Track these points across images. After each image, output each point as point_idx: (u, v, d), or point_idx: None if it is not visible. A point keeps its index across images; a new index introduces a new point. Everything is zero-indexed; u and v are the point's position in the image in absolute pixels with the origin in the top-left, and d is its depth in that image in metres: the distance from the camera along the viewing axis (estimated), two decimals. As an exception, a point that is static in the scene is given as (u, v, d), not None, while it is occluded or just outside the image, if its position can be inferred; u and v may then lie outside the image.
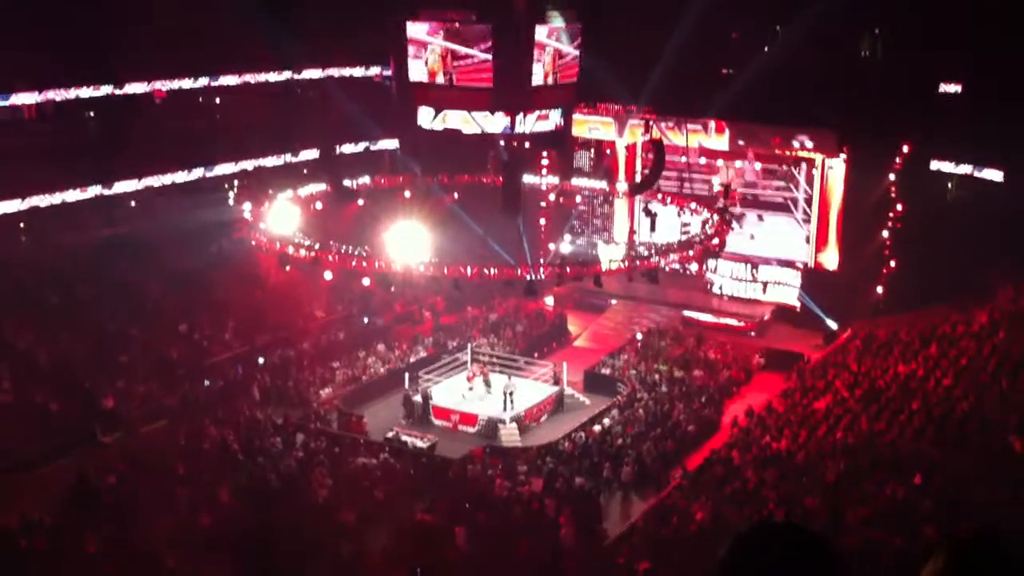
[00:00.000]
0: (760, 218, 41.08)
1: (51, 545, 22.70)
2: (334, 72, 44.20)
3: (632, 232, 44.12)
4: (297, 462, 27.35)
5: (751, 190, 40.76)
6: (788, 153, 39.93)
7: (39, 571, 22.17)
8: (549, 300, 42.22)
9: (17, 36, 31.79)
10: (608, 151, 44.29)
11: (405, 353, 36.52)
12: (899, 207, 37.55)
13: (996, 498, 18.83)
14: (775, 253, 40.65)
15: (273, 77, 42.53)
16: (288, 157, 42.26)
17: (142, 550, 22.38)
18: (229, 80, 40.68)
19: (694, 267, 40.23)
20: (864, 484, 21.53)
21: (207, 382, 32.42)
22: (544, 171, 42.28)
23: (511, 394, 31.34)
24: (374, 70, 46.07)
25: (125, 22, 34.74)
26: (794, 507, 21.55)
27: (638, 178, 40.73)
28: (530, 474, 26.55)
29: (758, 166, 40.40)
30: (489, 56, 29.79)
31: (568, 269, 30.38)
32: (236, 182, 41.41)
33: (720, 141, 40.59)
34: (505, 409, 30.94)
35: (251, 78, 41.43)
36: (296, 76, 43.35)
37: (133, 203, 39.41)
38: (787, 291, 40.31)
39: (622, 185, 41.35)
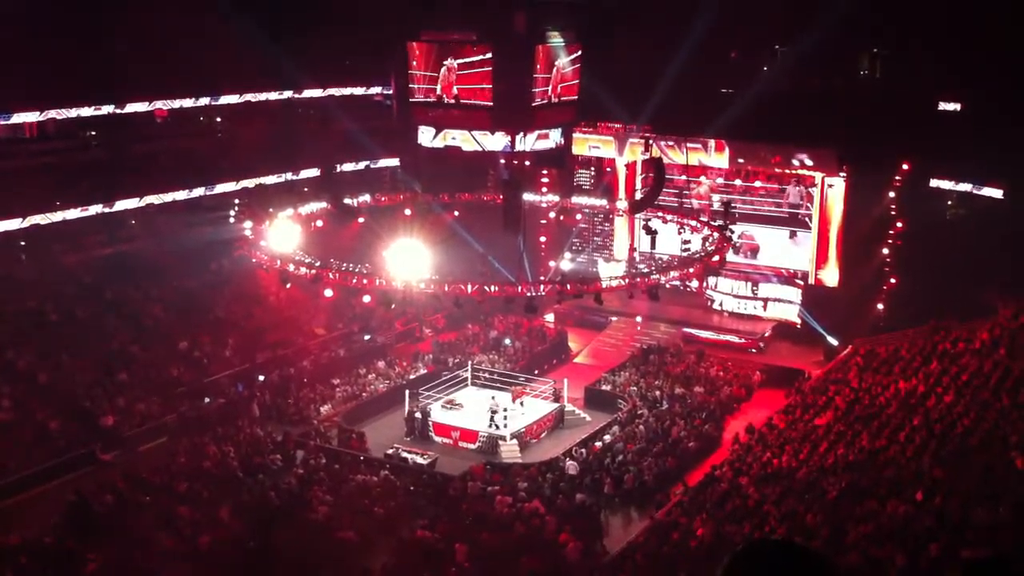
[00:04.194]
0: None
1: (51, 564, 22.62)
2: (335, 91, 44.39)
3: (632, 249, 44.21)
4: (297, 479, 27.27)
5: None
6: (788, 171, 40.05)
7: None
8: (549, 317, 42.24)
9: (19, 55, 31.93)
10: (608, 169, 44.45)
11: (405, 370, 36.50)
12: (899, 225, 37.61)
13: (998, 515, 18.78)
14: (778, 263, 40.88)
15: (274, 96, 42.72)
16: (289, 175, 42.40)
17: (142, 569, 22.31)
18: (230, 99, 40.84)
19: (695, 284, 40.29)
20: (866, 501, 21.46)
21: (207, 400, 32.38)
22: (544, 189, 42.42)
23: (495, 413, 31.36)
24: (375, 89, 46.31)
25: (126, 42, 34.89)
26: (795, 524, 21.49)
27: (638, 196, 40.83)
28: (530, 491, 26.48)
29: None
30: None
31: (568, 286, 30.39)
32: (237, 200, 41.48)
33: (720, 159, 40.77)
34: (491, 427, 30.92)
35: (252, 97, 41.61)
36: (297, 95, 43.54)
37: (134, 221, 39.46)
38: (788, 308, 40.32)
39: (622, 203, 41.45)
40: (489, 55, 33.20)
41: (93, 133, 38.99)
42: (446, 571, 22.43)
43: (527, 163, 41.17)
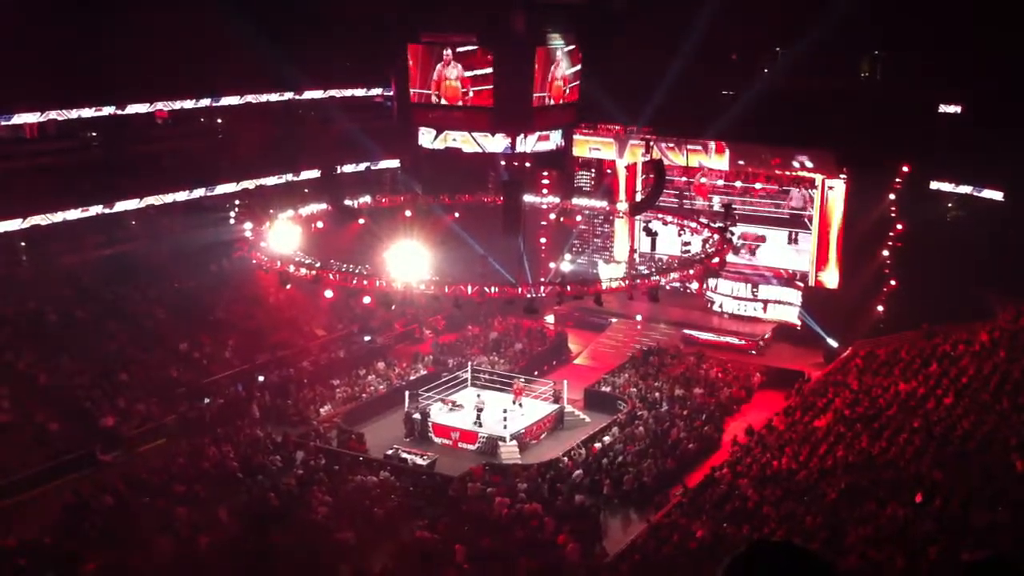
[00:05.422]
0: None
1: (50, 565, 22.61)
2: (335, 92, 44.39)
3: (632, 251, 44.22)
4: (297, 480, 27.28)
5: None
6: (787, 173, 40.06)
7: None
8: (549, 319, 42.25)
9: (20, 56, 31.94)
10: (608, 171, 44.45)
11: (405, 371, 36.50)
12: (899, 227, 37.60)
13: (997, 517, 18.79)
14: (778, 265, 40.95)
15: (275, 97, 42.73)
16: (289, 176, 42.40)
17: (141, 570, 22.31)
18: (231, 100, 40.83)
19: (695, 286, 40.30)
20: (865, 503, 21.47)
21: (207, 400, 32.36)
22: (545, 191, 42.43)
23: (480, 411, 31.41)
24: (376, 90, 46.32)
25: (127, 42, 34.90)
26: (795, 526, 21.49)
27: (638, 198, 40.86)
28: (530, 492, 26.48)
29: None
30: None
31: (568, 288, 30.39)
32: (237, 201, 41.49)
33: (720, 161, 40.80)
34: (476, 425, 30.99)
35: (252, 98, 41.61)
36: (297, 96, 43.55)
37: (134, 222, 39.45)
38: (788, 310, 40.33)
39: (622, 204, 41.46)
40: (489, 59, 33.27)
41: (93, 134, 38.96)
42: (445, 572, 22.44)
43: (527, 165, 41.26)
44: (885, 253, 38.08)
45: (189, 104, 39.63)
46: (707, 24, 36.05)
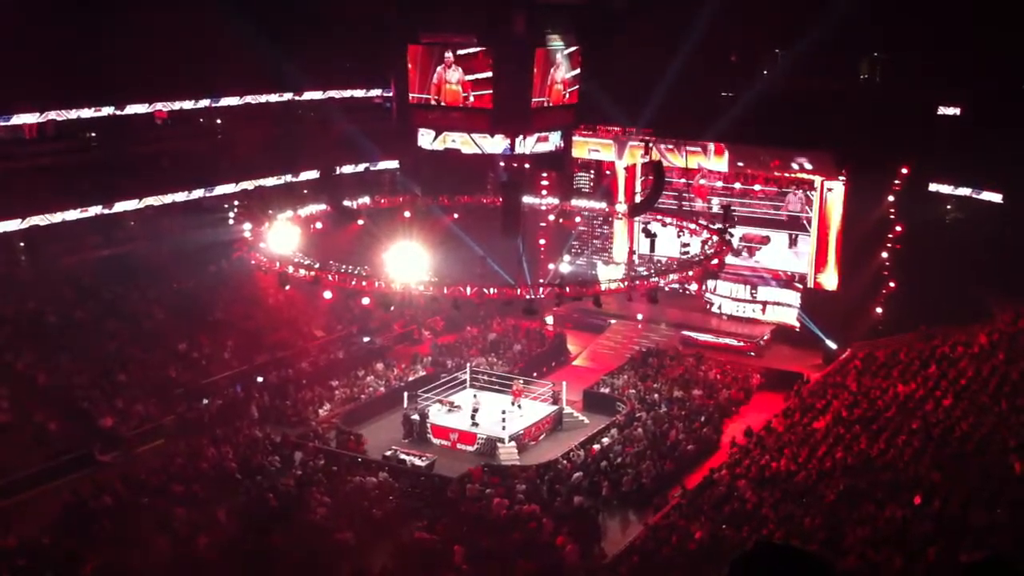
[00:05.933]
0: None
1: (49, 565, 22.60)
2: (335, 93, 44.40)
3: (631, 252, 44.23)
4: (295, 481, 27.27)
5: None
6: (787, 175, 40.06)
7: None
8: (548, 320, 42.25)
9: (20, 56, 31.94)
10: (608, 172, 44.47)
11: (404, 372, 36.50)
12: (898, 228, 37.62)
13: (996, 518, 18.78)
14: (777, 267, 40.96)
15: (274, 98, 42.75)
16: (289, 177, 42.41)
17: (140, 571, 22.30)
18: (230, 101, 40.84)
19: (694, 287, 40.31)
20: (864, 505, 21.47)
21: (205, 401, 32.35)
22: (544, 192, 42.43)
23: (476, 411, 31.40)
24: (375, 91, 46.33)
25: (127, 42, 34.90)
26: (793, 527, 21.49)
27: (637, 199, 40.86)
28: (528, 494, 26.47)
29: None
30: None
31: (567, 289, 30.38)
32: (236, 202, 41.48)
33: (719, 163, 40.81)
34: (473, 425, 31.01)
35: (252, 99, 41.63)
36: (297, 97, 43.56)
37: (133, 223, 39.45)
38: (787, 311, 40.34)
39: (622, 206, 41.47)
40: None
41: (93, 134, 38.95)
42: (444, 573, 22.43)
43: (526, 166, 41.22)
44: (884, 255, 38.09)
45: (189, 104, 39.66)
46: (707, 25, 36.07)
